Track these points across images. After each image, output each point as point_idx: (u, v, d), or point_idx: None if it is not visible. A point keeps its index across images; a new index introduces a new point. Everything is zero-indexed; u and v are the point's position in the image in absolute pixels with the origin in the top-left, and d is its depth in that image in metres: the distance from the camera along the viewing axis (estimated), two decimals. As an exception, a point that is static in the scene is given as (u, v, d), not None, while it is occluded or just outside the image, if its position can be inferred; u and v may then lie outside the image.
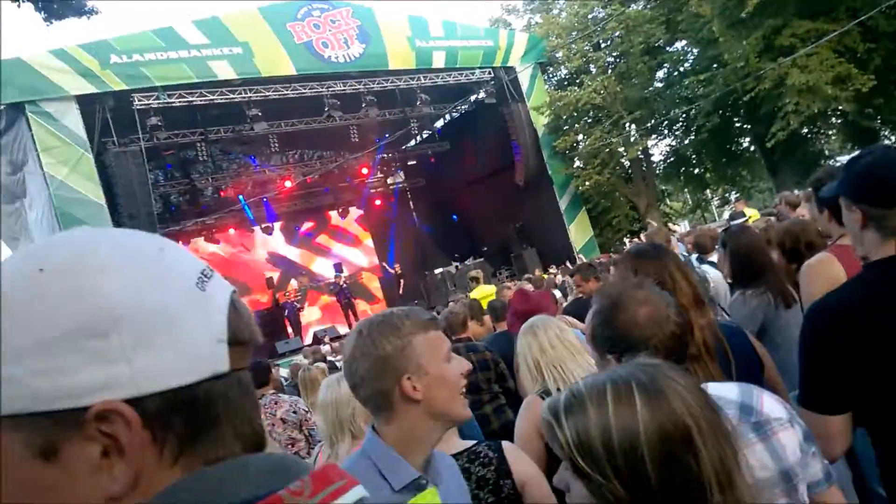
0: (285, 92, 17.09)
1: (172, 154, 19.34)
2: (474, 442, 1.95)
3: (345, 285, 19.54)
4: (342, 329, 18.95)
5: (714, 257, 5.25)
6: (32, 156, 14.28)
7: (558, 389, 2.41)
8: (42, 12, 6.13)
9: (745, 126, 23.73)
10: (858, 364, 1.65)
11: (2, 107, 13.80)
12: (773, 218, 7.83)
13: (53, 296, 0.58)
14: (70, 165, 14.15)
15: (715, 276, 4.52)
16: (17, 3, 5.46)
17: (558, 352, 2.52)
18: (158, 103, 15.41)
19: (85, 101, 14.56)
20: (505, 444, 1.95)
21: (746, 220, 7.86)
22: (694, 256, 5.90)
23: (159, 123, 15.54)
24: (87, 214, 14.18)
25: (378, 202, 25.31)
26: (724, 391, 1.48)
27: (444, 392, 1.44)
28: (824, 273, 2.64)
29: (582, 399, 1.03)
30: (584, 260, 15.73)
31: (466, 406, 1.49)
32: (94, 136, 14.65)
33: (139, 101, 15.13)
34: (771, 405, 1.47)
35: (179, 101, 15.79)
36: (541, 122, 21.59)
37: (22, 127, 14.21)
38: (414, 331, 1.43)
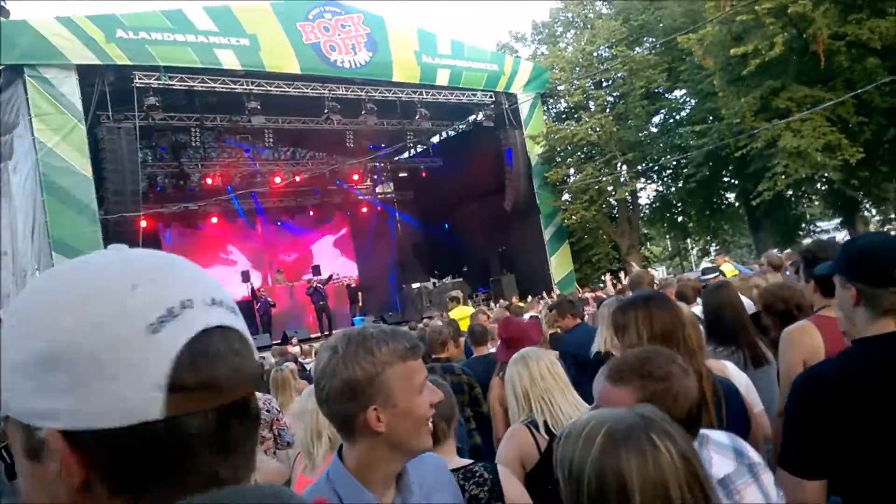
0: (287, 89, 17.11)
1: (165, 136, 19.20)
2: (471, 461, 1.98)
3: (321, 288, 19.39)
4: (312, 330, 18.86)
5: (696, 308, 5.34)
6: (24, 120, 14.08)
7: (545, 421, 2.46)
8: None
9: (732, 181, 24.16)
10: (841, 435, 1.71)
11: (1, 67, 13.61)
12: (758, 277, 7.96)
13: (22, 325, 0.65)
14: (61, 134, 13.97)
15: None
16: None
17: (548, 384, 2.56)
18: (159, 84, 15.33)
19: (85, 72, 14.43)
20: (500, 466, 1.98)
21: (717, 276, 7.99)
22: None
23: (157, 104, 15.44)
24: (71, 184, 14.03)
25: (364, 209, 25.32)
26: (720, 437, 1.61)
27: (409, 425, 1.38)
28: (804, 340, 2.75)
29: (578, 433, 1.11)
30: (560, 294, 15.86)
31: (429, 437, 1.43)
32: (89, 108, 14.47)
33: (140, 78, 15.03)
34: (752, 451, 1.64)
35: (180, 84, 15.72)
36: (535, 151, 21.82)
37: (18, 89, 14.01)
38: (390, 360, 1.36)
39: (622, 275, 24.29)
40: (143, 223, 15.81)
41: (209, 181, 19.91)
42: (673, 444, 1.06)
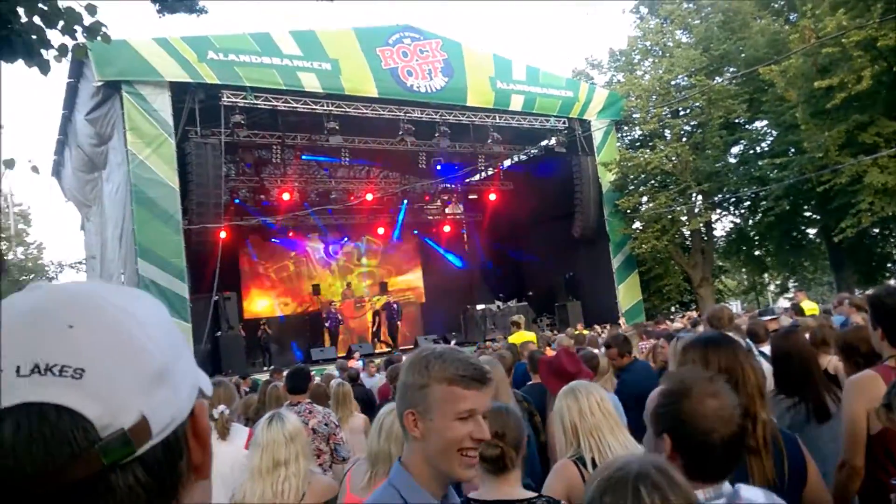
0: (364, 111, 17.61)
1: (249, 152, 20.01)
2: (535, 494, 2.01)
3: (394, 305, 19.93)
4: (377, 345, 19.16)
5: (767, 348, 5.20)
6: (119, 132, 14.98)
7: (593, 459, 2.47)
8: (157, 4, 6.48)
9: (813, 216, 23.28)
10: None
11: (101, 83, 14.53)
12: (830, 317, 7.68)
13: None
14: (152, 147, 14.78)
15: (768, 370, 4.49)
16: (136, -7, 5.81)
17: (597, 419, 2.55)
18: (245, 102, 16.04)
19: (177, 89, 15.25)
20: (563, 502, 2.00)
21: (776, 318, 7.66)
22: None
23: (242, 121, 16.16)
24: (158, 195, 14.78)
25: (433, 230, 25.60)
26: (754, 495, 1.58)
27: (440, 445, 1.45)
28: (867, 392, 2.64)
29: (597, 473, 1.21)
30: (625, 325, 15.62)
31: (467, 468, 1.47)
32: (179, 124, 15.27)
33: (227, 97, 15.77)
34: None
35: (264, 104, 16.41)
36: (607, 178, 21.62)
37: (115, 104, 14.94)
38: (438, 377, 1.46)
39: (694, 312, 23.78)
40: (223, 234, 16.46)
41: (286, 196, 20.61)
42: (660, 498, 1.09)
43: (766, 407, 2.19)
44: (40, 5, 4.31)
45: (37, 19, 4.27)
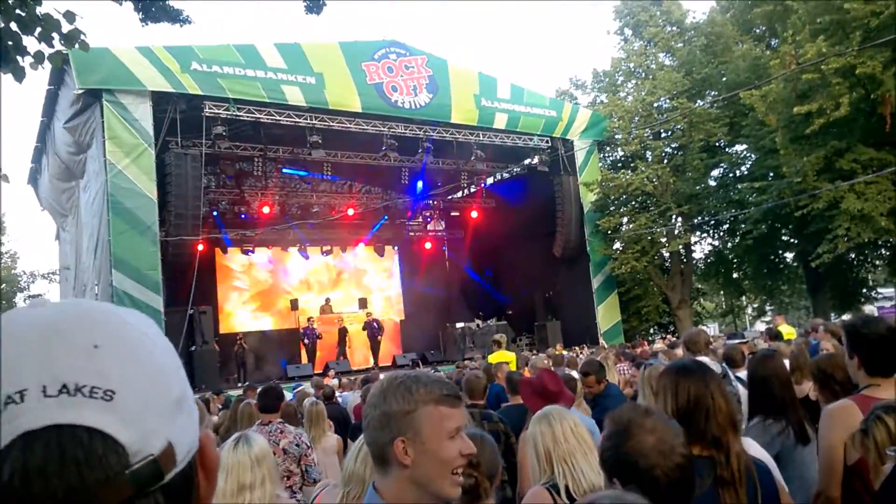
0: (348, 125, 17.59)
1: (229, 163, 19.88)
2: None
3: (375, 322, 19.91)
4: (354, 363, 18.99)
5: (743, 373, 5.20)
6: (98, 141, 14.81)
7: (566, 486, 2.42)
8: (140, 13, 6.43)
9: (791, 240, 23.56)
10: None
11: (81, 90, 14.38)
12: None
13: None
14: (132, 157, 14.62)
15: (743, 394, 4.48)
16: (121, 2, 5.76)
17: (571, 446, 2.51)
18: (227, 114, 15.96)
19: (158, 99, 15.14)
20: None
21: (747, 342, 7.68)
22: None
23: (224, 133, 16.05)
24: (136, 206, 14.61)
25: (414, 246, 25.55)
26: None
27: (435, 467, 1.44)
28: (844, 421, 2.62)
29: None
30: (606, 346, 15.63)
31: (456, 486, 1.47)
32: (159, 134, 15.14)
33: (209, 108, 15.67)
34: None
35: (247, 116, 16.33)
36: (589, 198, 21.75)
37: (95, 112, 14.79)
38: (425, 399, 1.46)
39: (672, 329, 23.82)
40: (201, 247, 16.28)
41: (266, 209, 20.47)
42: None
43: (738, 438, 2.16)
44: (17, 11, 4.24)
45: (13, 25, 4.20)
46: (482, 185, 24.40)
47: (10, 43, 4.08)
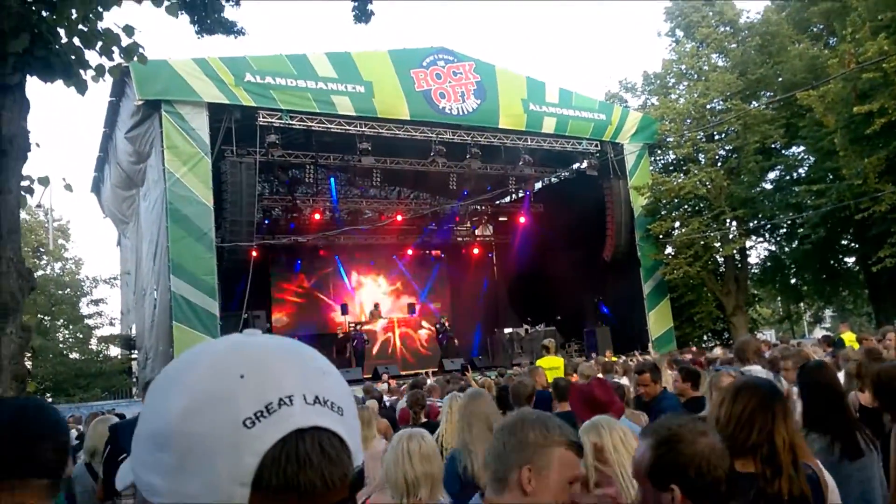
0: (397, 132, 17.76)
1: (282, 171, 20.27)
2: None
3: (446, 328, 20.28)
4: (402, 368, 19.11)
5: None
6: (157, 151, 15.31)
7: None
8: (196, 25, 6.61)
9: (851, 245, 22.74)
10: None
11: (141, 102, 14.89)
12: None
13: (151, 401, 0.71)
14: (189, 166, 15.06)
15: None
16: (177, 14, 5.93)
17: (620, 455, 2.50)
18: (280, 123, 16.30)
19: (214, 110, 15.57)
20: None
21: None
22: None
23: (277, 141, 16.41)
24: (193, 213, 15.02)
25: (462, 251, 25.59)
26: None
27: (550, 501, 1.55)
28: None
29: None
30: (655, 353, 15.36)
31: None
32: (215, 143, 15.55)
33: (263, 117, 16.04)
34: None
35: (299, 124, 16.65)
36: (639, 202, 21.43)
37: (154, 123, 15.29)
38: (560, 441, 1.60)
39: (726, 336, 23.26)
40: (255, 253, 16.63)
41: (317, 216, 20.79)
42: None
43: (799, 461, 2.12)
44: (80, 27, 4.42)
45: (76, 40, 4.37)
46: (530, 190, 24.30)
47: (73, 57, 4.25)
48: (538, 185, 24.63)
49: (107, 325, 26.18)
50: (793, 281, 26.18)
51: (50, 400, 20.03)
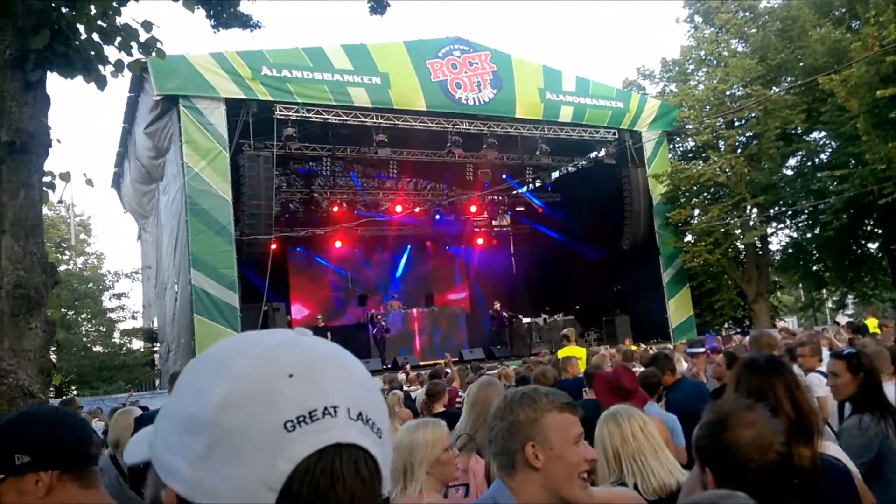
0: (413, 123, 17.73)
1: (300, 164, 20.36)
2: None
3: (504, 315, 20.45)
4: (421, 358, 19.14)
5: (823, 367, 4.99)
6: (176, 145, 15.43)
7: (635, 484, 2.40)
8: (212, 19, 6.61)
9: (875, 230, 22.39)
10: None
11: (159, 97, 15.00)
12: None
13: (190, 382, 0.68)
14: (207, 160, 15.16)
15: (823, 392, 4.29)
16: (193, 9, 5.95)
17: (640, 444, 2.50)
18: (297, 116, 16.34)
19: (231, 104, 15.63)
20: None
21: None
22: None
23: (294, 135, 16.45)
24: (212, 206, 15.14)
25: (480, 241, 25.56)
26: None
27: (562, 470, 1.55)
28: None
29: None
30: (670, 344, 15.30)
31: (581, 489, 1.57)
32: (233, 137, 15.64)
33: (280, 111, 16.09)
34: None
35: (316, 117, 16.68)
36: (658, 190, 21.25)
37: (173, 118, 15.39)
38: (549, 408, 1.59)
39: (747, 324, 23.04)
40: (273, 245, 16.73)
41: (335, 208, 20.87)
42: None
43: (813, 445, 2.06)
44: (99, 22, 4.44)
45: (95, 36, 4.40)
46: (548, 179, 24.18)
47: (92, 53, 4.28)
48: (555, 175, 24.50)
49: (129, 319, 26.58)
50: (814, 268, 25.88)
51: (74, 393, 20.37)
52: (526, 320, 20.79)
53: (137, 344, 24.67)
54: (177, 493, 0.63)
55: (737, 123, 22.62)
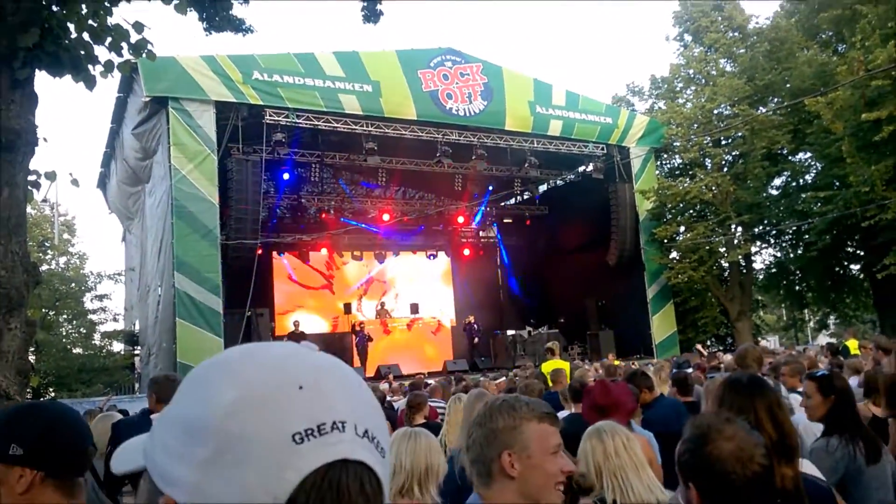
0: (403, 132, 17.76)
1: (287, 169, 20.32)
2: None
3: (474, 327, 20.30)
4: (405, 368, 19.08)
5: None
6: (163, 147, 15.33)
7: (614, 501, 2.40)
8: (204, 22, 6.59)
9: (857, 252, 22.65)
10: None
11: (148, 98, 14.93)
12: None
13: (194, 386, 0.67)
14: (195, 163, 15.07)
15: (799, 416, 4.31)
16: (185, 12, 5.93)
17: (622, 460, 2.50)
18: (286, 121, 16.31)
19: (221, 107, 15.58)
20: None
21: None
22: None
23: (283, 140, 16.42)
24: (198, 210, 15.04)
25: (467, 252, 25.58)
26: None
27: (539, 479, 1.54)
28: None
29: None
30: (654, 359, 15.34)
31: (559, 499, 1.56)
32: (222, 140, 15.56)
33: (269, 116, 16.05)
34: None
35: (305, 123, 16.66)
36: (645, 206, 21.39)
37: (161, 119, 15.31)
38: (528, 416, 1.58)
39: (730, 342, 23.16)
40: (259, 250, 16.65)
41: (323, 215, 20.82)
42: None
43: (795, 463, 2.08)
44: (90, 22, 4.42)
45: (86, 35, 4.37)
46: (536, 192, 24.27)
47: (82, 53, 4.25)
48: (543, 188, 24.61)
49: (110, 321, 26.30)
50: (797, 287, 26.13)
51: (52, 395, 20.09)
52: (510, 332, 20.81)
53: (118, 347, 24.40)
54: (175, 502, 0.62)
55: (724, 142, 22.85)
